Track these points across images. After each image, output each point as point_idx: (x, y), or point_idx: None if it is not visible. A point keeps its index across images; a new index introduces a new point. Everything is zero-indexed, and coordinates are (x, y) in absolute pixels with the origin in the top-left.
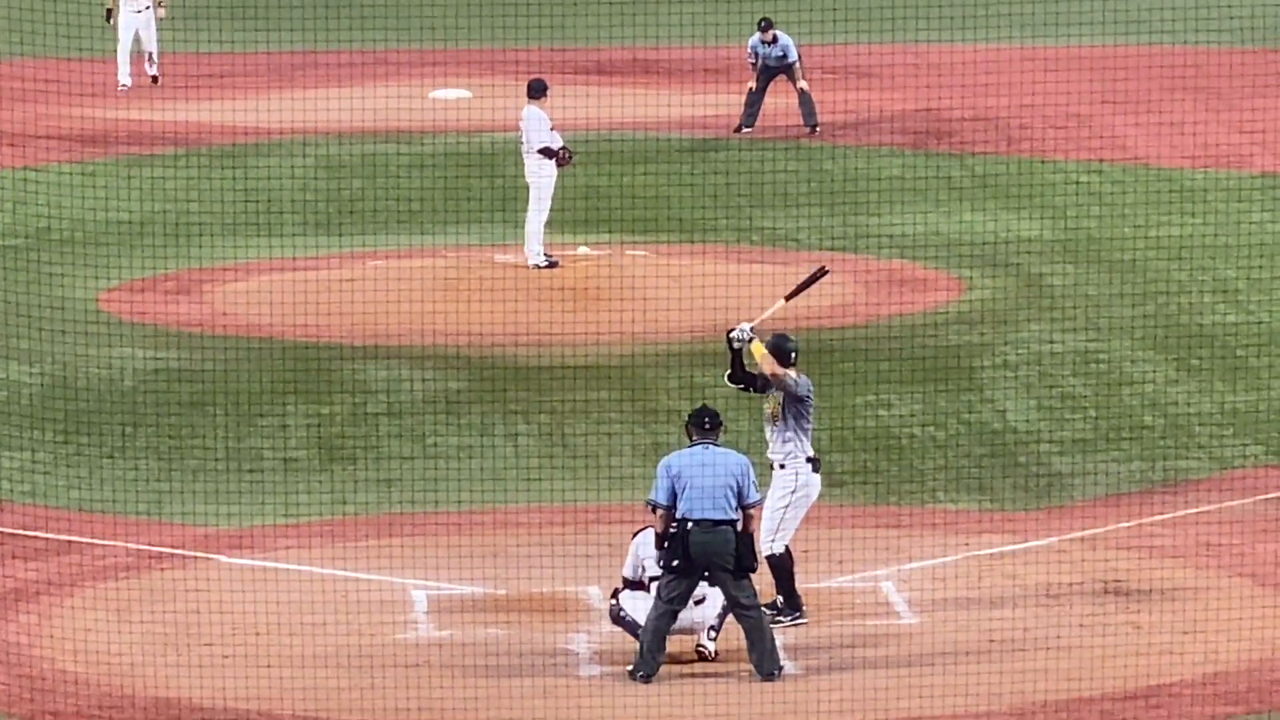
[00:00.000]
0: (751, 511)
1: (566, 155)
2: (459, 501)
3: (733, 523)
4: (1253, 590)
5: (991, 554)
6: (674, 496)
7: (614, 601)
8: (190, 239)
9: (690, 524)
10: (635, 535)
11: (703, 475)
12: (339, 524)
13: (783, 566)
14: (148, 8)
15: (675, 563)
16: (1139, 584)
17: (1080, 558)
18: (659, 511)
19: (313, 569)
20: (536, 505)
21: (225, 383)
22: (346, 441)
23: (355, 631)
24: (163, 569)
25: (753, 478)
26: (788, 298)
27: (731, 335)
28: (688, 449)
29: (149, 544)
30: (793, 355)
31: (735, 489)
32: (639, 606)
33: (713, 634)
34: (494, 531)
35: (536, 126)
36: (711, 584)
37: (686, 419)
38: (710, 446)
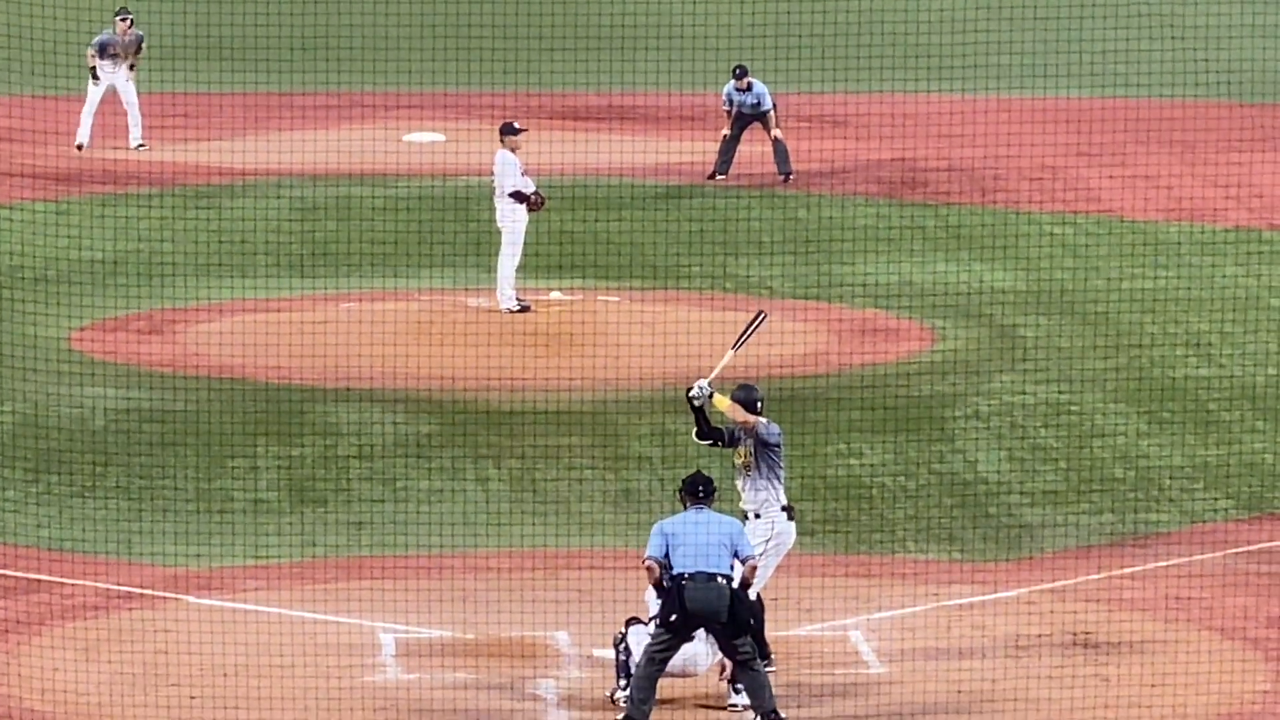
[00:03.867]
0: (752, 563)
1: (538, 200)
2: (428, 545)
3: (728, 577)
4: (1221, 644)
5: (960, 604)
6: (666, 553)
7: (623, 630)
8: (163, 279)
9: (685, 579)
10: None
11: (695, 533)
12: (308, 566)
13: (752, 614)
14: (121, 67)
15: (671, 618)
16: (1108, 636)
17: (1049, 609)
18: (647, 563)
19: (281, 610)
20: (506, 550)
21: (196, 423)
22: (316, 483)
23: (323, 674)
24: (131, 609)
25: (746, 537)
26: (734, 347)
27: (691, 395)
28: (681, 513)
29: (117, 583)
30: (759, 404)
31: (729, 546)
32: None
33: (737, 689)
34: (463, 575)
35: (509, 171)
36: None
37: (680, 485)
38: (704, 509)
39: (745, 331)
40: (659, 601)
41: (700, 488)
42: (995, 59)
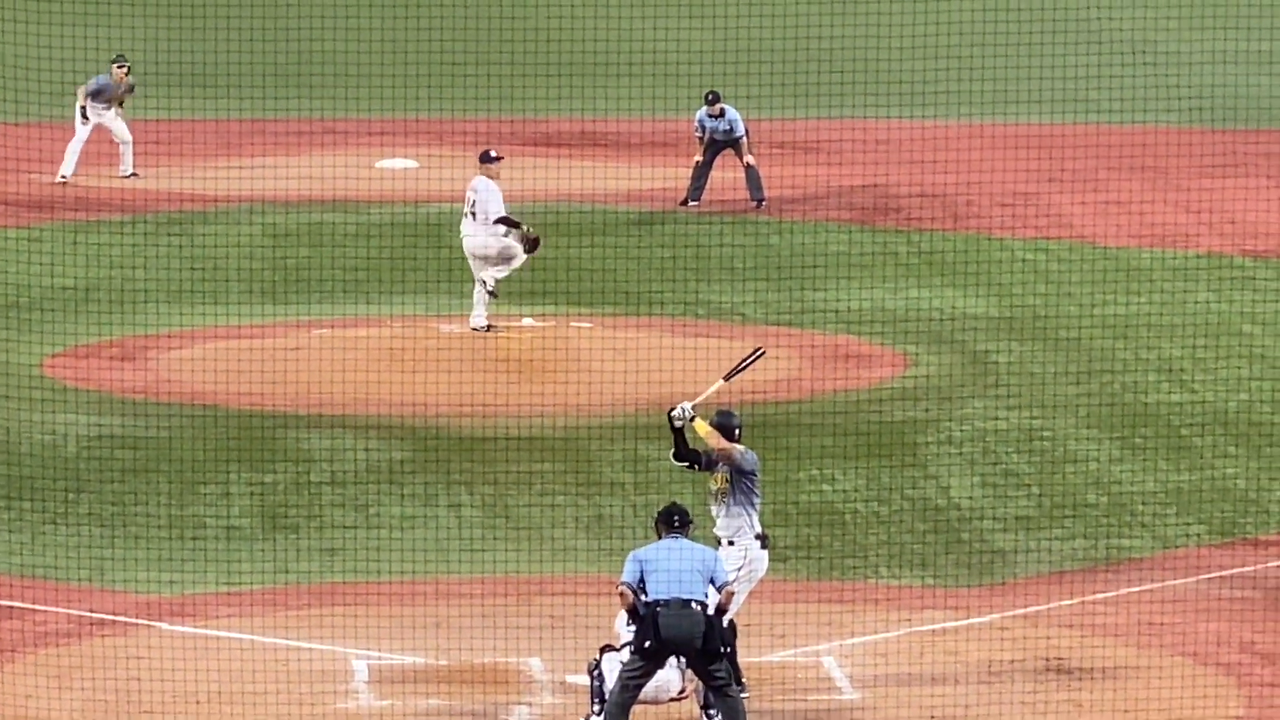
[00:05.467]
0: (729, 590)
1: (533, 240)
2: (401, 571)
3: (703, 604)
4: (1194, 670)
5: (933, 630)
6: (641, 580)
7: (597, 657)
8: (135, 305)
9: (659, 606)
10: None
11: (670, 560)
12: (280, 592)
13: (725, 641)
14: (110, 109)
15: (646, 644)
16: (1080, 662)
17: (1022, 635)
18: (621, 589)
19: (254, 637)
20: (479, 576)
21: (168, 450)
22: (289, 510)
23: (296, 701)
24: (103, 636)
25: (722, 564)
26: (726, 378)
27: (673, 415)
28: (656, 541)
29: (90, 610)
30: (737, 431)
31: (705, 573)
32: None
33: (710, 715)
34: (436, 602)
35: (493, 198)
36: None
37: (656, 515)
38: (680, 538)
39: (740, 364)
40: (630, 629)
41: (676, 517)
42: (967, 85)
